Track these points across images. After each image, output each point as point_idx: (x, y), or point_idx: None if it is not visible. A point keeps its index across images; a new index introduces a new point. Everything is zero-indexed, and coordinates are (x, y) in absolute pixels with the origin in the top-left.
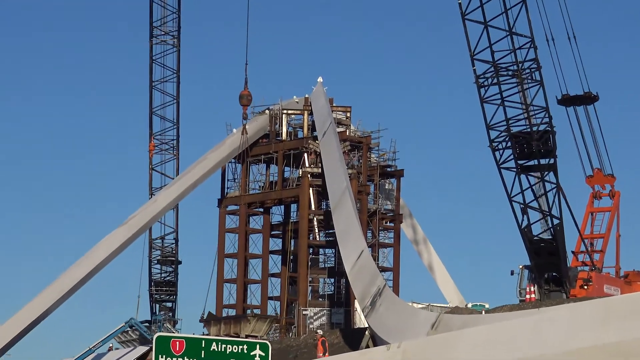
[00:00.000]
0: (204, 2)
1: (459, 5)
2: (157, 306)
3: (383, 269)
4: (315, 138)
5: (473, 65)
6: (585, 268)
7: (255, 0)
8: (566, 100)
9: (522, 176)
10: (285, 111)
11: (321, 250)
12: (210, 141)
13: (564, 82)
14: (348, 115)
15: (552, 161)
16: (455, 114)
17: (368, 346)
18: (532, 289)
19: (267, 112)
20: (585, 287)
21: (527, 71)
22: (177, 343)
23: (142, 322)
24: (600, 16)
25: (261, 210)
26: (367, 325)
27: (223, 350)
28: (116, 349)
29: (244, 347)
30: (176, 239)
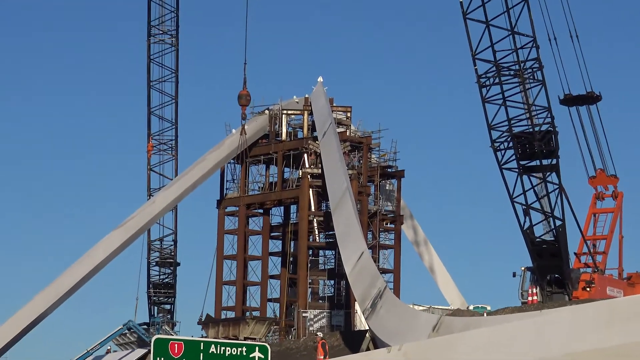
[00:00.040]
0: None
1: (461, 4)
2: (156, 308)
3: (383, 271)
4: (315, 138)
5: (475, 64)
6: (587, 270)
7: None
8: (568, 100)
9: (524, 177)
10: (285, 111)
11: (321, 251)
12: (209, 142)
13: (567, 82)
14: (348, 115)
15: (555, 162)
16: (456, 114)
17: (369, 349)
18: (534, 291)
19: (267, 112)
20: (587, 289)
21: (529, 71)
22: (176, 345)
23: (141, 325)
24: (602, 15)
25: (261, 211)
26: (368, 327)
27: (222, 352)
28: (114, 352)
29: (243, 350)
30: (175, 241)
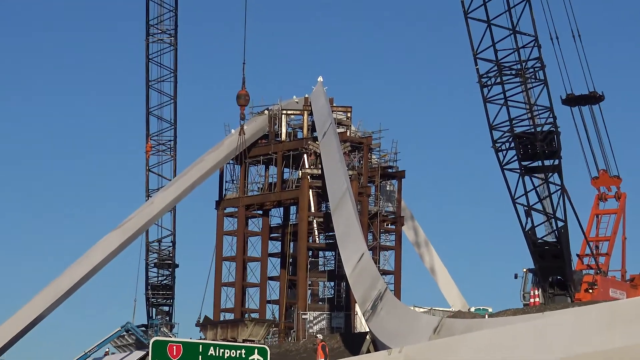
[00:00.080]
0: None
1: (462, 3)
2: (154, 310)
3: (384, 272)
4: (315, 139)
5: (476, 64)
6: (590, 271)
7: None
8: (571, 100)
9: (526, 177)
10: (284, 111)
11: (321, 253)
12: (208, 142)
13: (569, 82)
14: (348, 115)
15: (557, 162)
16: (457, 115)
17: (369, 351)
18: (536, 293)
19: (266, 113)
20: (590, 291)
21: (531, 70)
22: (174, 348)
23: (139, 327)
24: (605, 14)
25: (260, 212)
26: (368, 329)
27: (221, 354)
28: (112, 354)
29: (242, 352)
30: (173, 242)
